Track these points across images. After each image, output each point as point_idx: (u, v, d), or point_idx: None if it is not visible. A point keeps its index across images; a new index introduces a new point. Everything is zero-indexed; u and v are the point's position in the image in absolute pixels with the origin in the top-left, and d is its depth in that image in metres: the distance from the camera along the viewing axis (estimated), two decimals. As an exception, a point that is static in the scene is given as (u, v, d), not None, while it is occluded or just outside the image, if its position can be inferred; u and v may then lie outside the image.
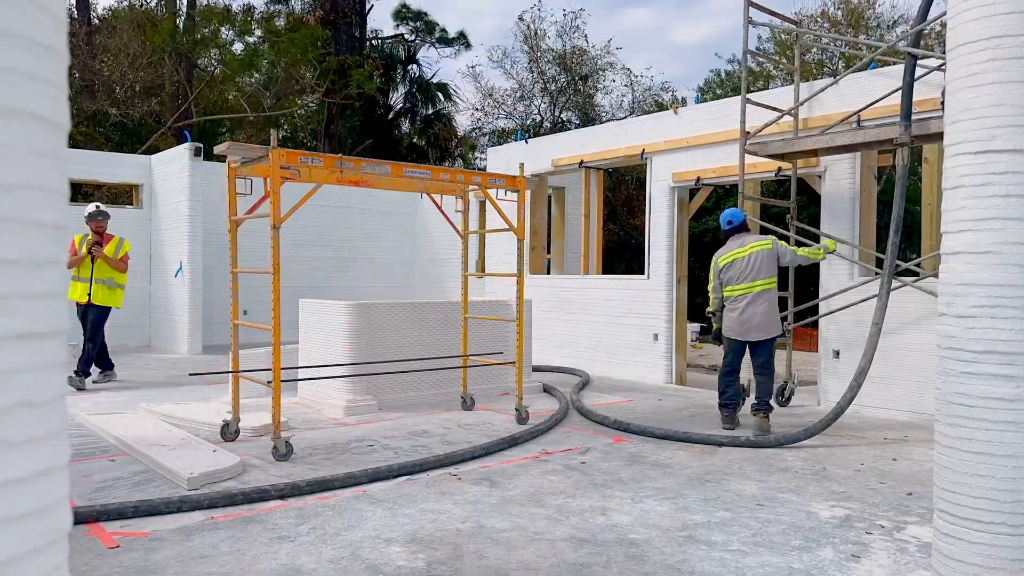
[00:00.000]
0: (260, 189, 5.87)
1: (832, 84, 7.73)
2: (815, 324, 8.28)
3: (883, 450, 5.96)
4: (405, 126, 26.15)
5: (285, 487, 4.53)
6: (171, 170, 12.74)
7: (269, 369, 5.52)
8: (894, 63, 7.61)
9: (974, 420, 2.77)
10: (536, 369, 9.73)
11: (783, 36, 22.38)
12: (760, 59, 14.84)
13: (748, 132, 7.72)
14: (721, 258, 6.68)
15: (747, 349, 6.67)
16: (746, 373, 6.95)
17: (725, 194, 19.06)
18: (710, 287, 6.82)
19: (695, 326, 15.60)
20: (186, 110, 19.71)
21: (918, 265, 7.24)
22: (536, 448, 5.87)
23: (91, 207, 8.88)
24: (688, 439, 6.11)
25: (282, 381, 5.42)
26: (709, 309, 6.87)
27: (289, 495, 4.49)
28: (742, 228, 6.78)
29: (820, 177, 8.16)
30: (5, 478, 0.89)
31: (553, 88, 24.27)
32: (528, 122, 24.12)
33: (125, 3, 21.55)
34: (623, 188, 22.06)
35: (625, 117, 21.54)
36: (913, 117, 6.36)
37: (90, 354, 8.79)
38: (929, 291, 6.72)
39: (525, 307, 7.22)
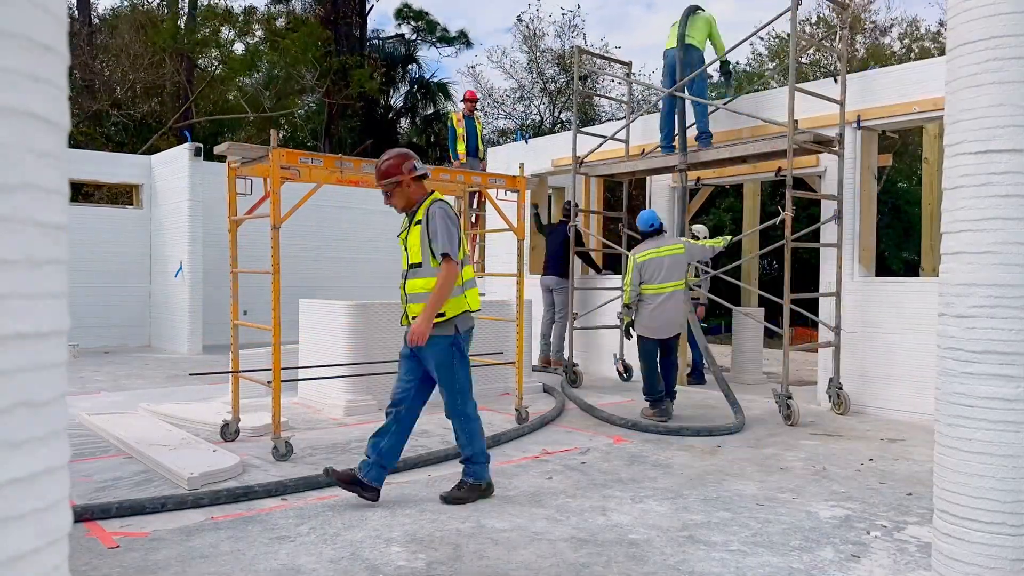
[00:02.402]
0: (260, 189, 5.87)
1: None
2: (815, 325, 8.28)
3: (883, 450, 5.96)
4: (405, 126, 26.16)
5: (272, 485, 4.57)
6: (171, 170, 12.74)
7: (269, 369, 5.52)
8: (889, 65, 7.60)
9: (974, 420, 2.76)
10: (536, 369, 9.73)
11: (775, 41, 22.39)
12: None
13: (579, 157, 9.26)
14: (640, 255, 6.94)
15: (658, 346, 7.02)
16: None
17: (724, 194, 19.07)
18: (627, 281, 6.99)
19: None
20: (187, 110, 19.71)
21: (919, 264, 7.26)
22: (536, 448, 5.87)
23: None
24: (684, 432, 6.12)
25: (282, 381, 5.42)
26: (627, 302, 7.01)
27: (276, 493, 4.52)
28: (661, 231, 7.14)
29: (820, 177, 8.16)
30: (5, 478, 0.89)
31: (552, 88, 24.27)
32: (528, 122, 24.12)
33: (127, 3, 21.56)
34: (623, 188, 22.06)
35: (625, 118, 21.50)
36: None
37: None
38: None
39: (525, 307, 7.22)
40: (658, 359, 7.02)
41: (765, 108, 8.24)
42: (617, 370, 9.60)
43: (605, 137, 9.64)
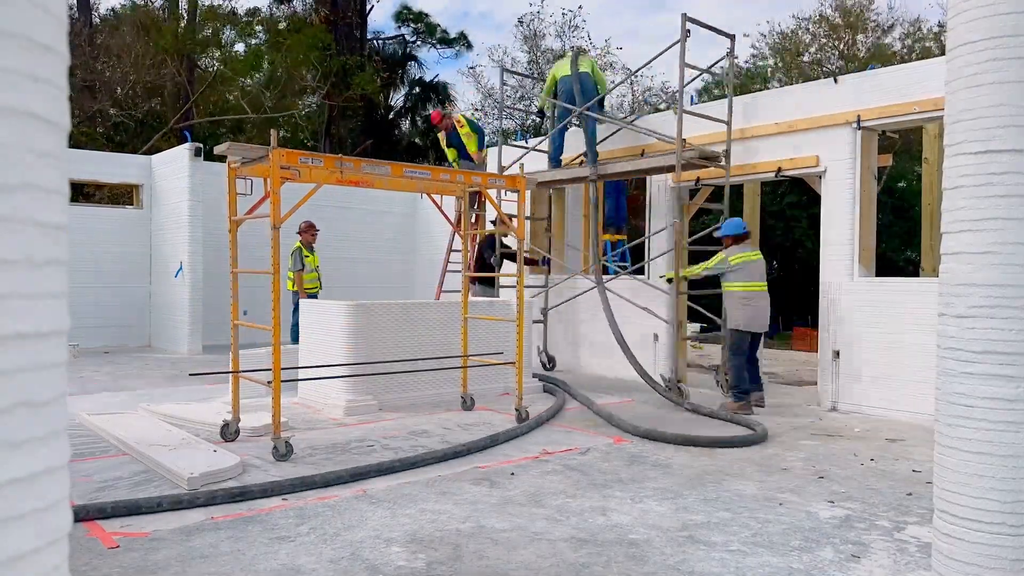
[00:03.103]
0: (260, 189, 5.87)
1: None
2: (815, 324, 8.29)
3: (883, 450, 5.96)
4: (405, 126, 26.15)
5: (268, 485, 4.60)
6: (171, 170, 12.75)
7: (269, 369, 5.52)
8: (891, 64, 7.62)
9: (974, 420, 2.76)
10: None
11: (777, 38, 22.39)
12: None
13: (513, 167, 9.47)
14: (733, 258, 7.65)
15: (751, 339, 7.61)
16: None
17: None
18: (709, 266, 7.77)
19: (695, 326, 15.58)
20: (188, 111, 19.71)
21: (919, 264, 7.28)
22: (536, 448, 5.87)
23: None
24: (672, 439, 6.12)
25: (282, 381, 5.43)
26: (694, 272, 7.97)
27: (272, 493, 4.55)
28: (747, 236, 7.89)
29: (820, 177, 8.16)
30: (5, 478, 0.89)
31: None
32: (528, 122, 24.10)
33: (128, 3, 21.56)
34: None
35: (624, 117, 21.50)
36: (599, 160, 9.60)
37: None
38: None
39: (525, 307, 7.22)
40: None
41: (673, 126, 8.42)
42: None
43: (529, 148, 10.51)
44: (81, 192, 16.61)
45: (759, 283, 7.59)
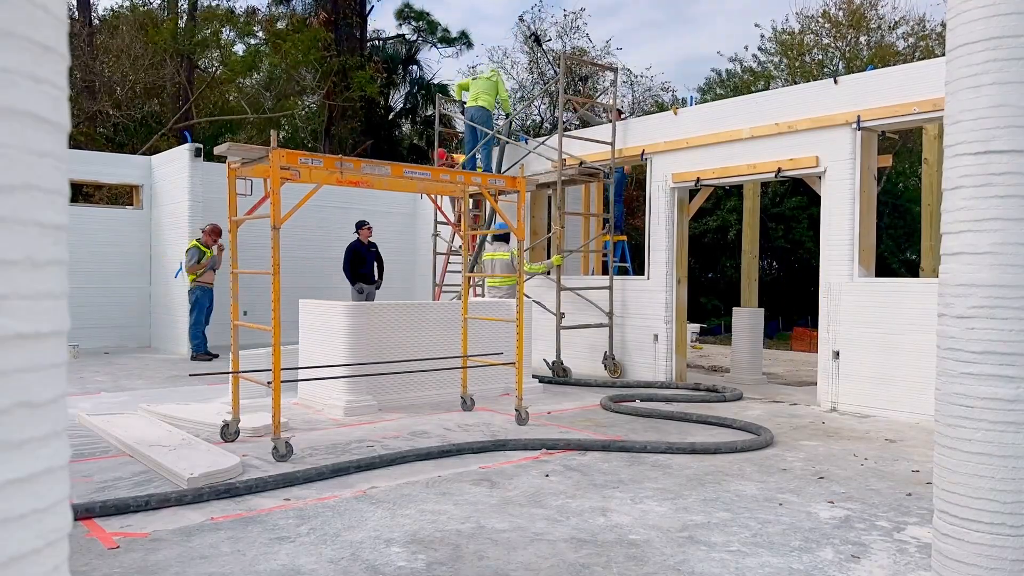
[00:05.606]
0: (260, 190, 5.88)
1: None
2: (815, 324, 8.29)
3: (883, 450, 5.96)
4: (406, 127, 26.14)
5: (253, 482, 4.63)
6: (171, 170, 12.74)
7: (269, 370, 5.52)
8: (894, 63, 7.63)
9: (974, 421, 2.76)
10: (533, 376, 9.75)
11: (785, 36, 22.39)
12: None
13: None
14: (486, 254, 9.76)
15: None
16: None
17: (725, 195, 19.08)
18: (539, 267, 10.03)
19: (695, 327, 15.59)
20: (187, 111, 19.70)
21: (917, 265, 7.28)
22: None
23: None
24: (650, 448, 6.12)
25: (282, 382, 5.42)
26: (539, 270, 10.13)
27: (258, 489, 4.59)
28: (505, 237, 9.48)
29: (820, 178, 8.17)
30: (5, 478, 0.89)
31: (553, 89, 24.21)
32: (528, 123, 24.10)
33: (127, 3, 21.55)
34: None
35: (625, 118, 21.50)
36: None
37: None
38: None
39: (525, 308, 7.21)
40: None
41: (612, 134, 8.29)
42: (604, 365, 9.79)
43: (529, 150, 9.69)
44: (81, 192, 16.60)
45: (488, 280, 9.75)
